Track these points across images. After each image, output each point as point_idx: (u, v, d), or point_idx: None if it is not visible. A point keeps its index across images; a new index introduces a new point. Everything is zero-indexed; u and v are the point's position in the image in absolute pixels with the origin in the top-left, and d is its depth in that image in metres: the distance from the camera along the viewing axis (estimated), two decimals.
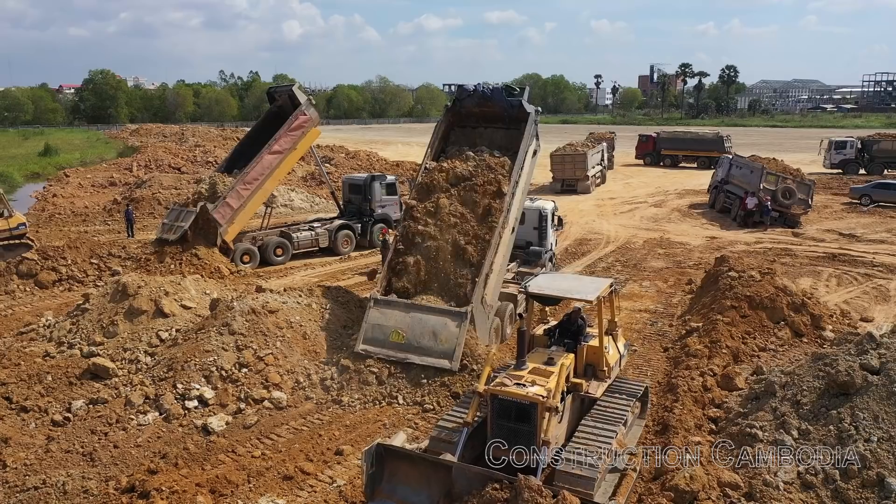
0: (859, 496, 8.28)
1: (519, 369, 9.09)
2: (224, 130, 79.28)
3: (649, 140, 54.52)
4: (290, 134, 22.71)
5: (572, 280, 11.25)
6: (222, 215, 21.37)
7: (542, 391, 8.46)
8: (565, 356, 9.52)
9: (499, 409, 8.64)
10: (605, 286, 10.11)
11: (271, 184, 23.02)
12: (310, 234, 24.03)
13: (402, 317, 13.15)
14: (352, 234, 24.77)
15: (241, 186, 21.84)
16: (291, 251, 23.31)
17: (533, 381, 8.74)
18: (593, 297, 9.58)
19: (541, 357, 9.53)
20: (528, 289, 10.03)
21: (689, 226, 29.41)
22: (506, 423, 8.59)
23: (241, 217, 22.12)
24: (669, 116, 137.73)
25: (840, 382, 9.37)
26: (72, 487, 9.40)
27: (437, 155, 16.07)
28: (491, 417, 8.73)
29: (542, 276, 11.17)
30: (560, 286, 10.30)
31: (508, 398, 8.54)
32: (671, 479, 8.87)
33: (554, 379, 8.77)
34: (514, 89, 15.73)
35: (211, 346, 12.65)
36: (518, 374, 8.94)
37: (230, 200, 21.59)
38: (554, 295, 10.02)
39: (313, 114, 23.61)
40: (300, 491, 9.50)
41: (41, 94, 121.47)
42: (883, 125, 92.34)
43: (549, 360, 9.31)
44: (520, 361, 9.22)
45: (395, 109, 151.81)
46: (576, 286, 10.29)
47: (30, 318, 16.63)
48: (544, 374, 8.92)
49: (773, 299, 14.27)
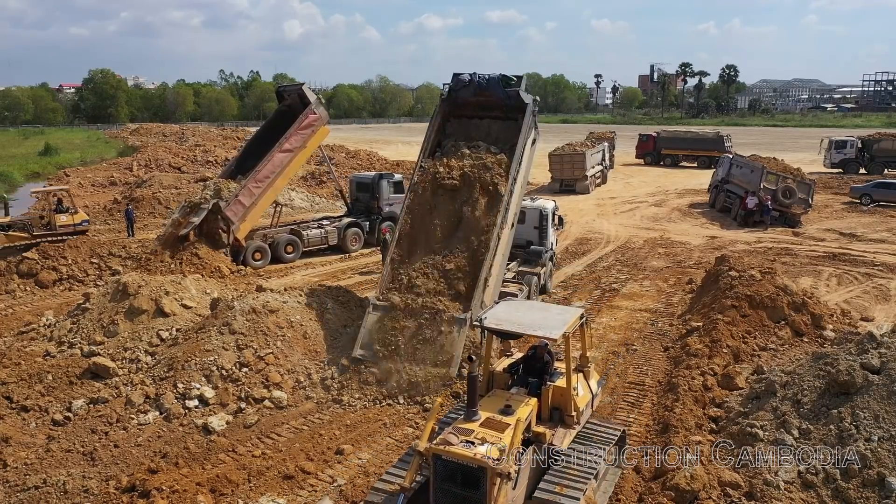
0: (860, 496, 8.28)
1: (469, 421, 7.69)
2: (224, 130, 79.26)
3: (649, 140, 54.50)
4: (300, 132, 22.99)
5: (537, 310, 9.37)
6: (234, 213, 21.65)
7: (493, 452, 7.09)
8: (526, 402, 8.22)
9: (442, 472, 7.26)
10: (573, 318, 8.82)
11: (282, 182, 23.34)
12: (319, 231, 24.27)
13: (401, 322, 13.11)
14: (360, 231, 25.00)
15: (252, 184, 22.10)
16: (302, 249, 23.54)
17: (483, 437, 7.36)
18: (558, 335, 8.26)
19: (497, 403, 8.15)
20: (485, 323, 8.58)
21: (689, 225, 29.41)
22: (450, 489, 7.24)
23: (253, 215, 22.41)
24: (670, 116, 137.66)
25: (841, 382, 9.37)
26: (72, 487, 9.41)
27: (434, 149, 15.88)
28: (433, 481, 7.36)
29: (503, 306, 9.63)
30: (521, 319, 8.67)
31: (453, 460, 7.16)
32: (672, 478, 8.87)
33: (509, 434, 7.39)
34: (511, 79, 15.33)
35: (211, 345, 12.65)
36: (467, 428, 7.53)
37: (242, 198, 21.86)
38: (512, 331, 8.55)
39: (322, 112, 23.91)
40: (300, 490, 9.50)
41: (41, 94, 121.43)
42: (883, 125, 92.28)
43: (506, 409, 7.93)
44: (470, 411, 7.80)
45: (396, 109, 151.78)
46: (539, 319, 8.72)
47: (30, 317, 16.64)
48: (498, 428, 7.55)
49: (773, 299, 14.26)
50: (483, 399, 8.25)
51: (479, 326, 8.72)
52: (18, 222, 22.64)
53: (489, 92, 15.39)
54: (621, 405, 12.05)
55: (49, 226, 22.48)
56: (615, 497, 9.20)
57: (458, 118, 16.21)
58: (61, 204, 23.17)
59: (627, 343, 14.97)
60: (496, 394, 8.60)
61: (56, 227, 22.46)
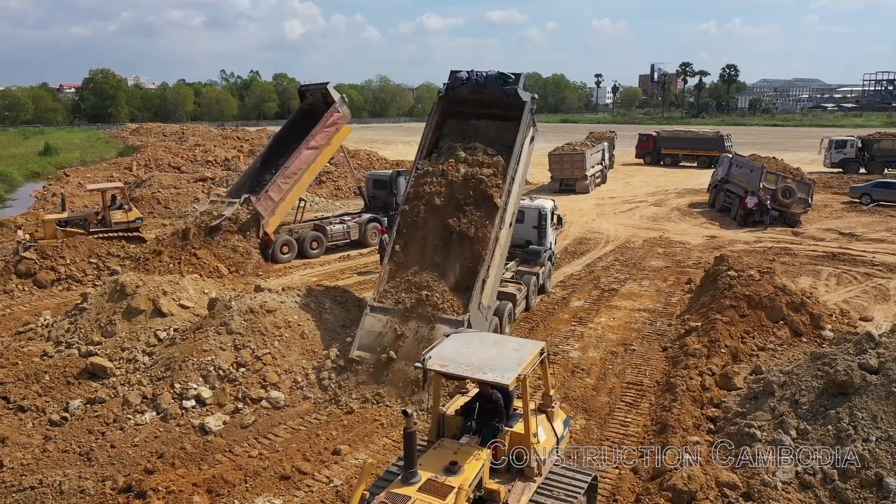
0: (858, 496, 8.26)
1: (406, 484, 6.54)
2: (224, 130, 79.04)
3: (649, 139, 54.44)
4: (325, 130, 23.87)
5: (490, 347, 7.94)
6: (265, 207, 22.35)
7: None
8: (476, 455, 6.97)
9: None
10: (530, 356, 7.54)
11: (308, 177, 24.12)
12: (342, 227, 24.93)
13: (398, 324, 13.05)
14: (380, 226, 25.43)
15: (281, 180, 22.89)
16: (326, 244, 24.19)
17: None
18: (510, 379, 6.98)
19: (442, 458, 6.91)
20: (427, 364, 7.26)
21: (688, 225, 29.38)
22: None
23: (282, 209, 23.16)
24: (670, 116, 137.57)
25: (839, 382, 9.35)
26: (68, 487, 9.38)
27: (430, 149, 15.80)
28: None
29: (452, 341, 8.00)
30: (470, 359, 7.41)
31: None
32: (669, 478, 8.86)
33: (451, 500, 6.31)
34: (509, 77, 15.18)
35: (209, 345, 12.64)
36: (402, 494, 6.40)
37: (272, 193, 22.60)
38: (458, 374, 7.36)
39: (346, 111, 24.76)
40: (297, 491, 9.48)
41: (41, 94, 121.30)
42: (883, 124, 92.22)
43: (451, 467, 6.73)
44: (407, 473, 6.62)
45: (396, 109, 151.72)
46: (489, 359, 7.43)
47: (28, 317, 16.62)
48: (440, 494, 6.38)
49: (772, 298, 14.23)
50: (426, 454, 7.19)
51: (420, 368, 7.33)
52: (75, 218, 23.18)
53: (487, 89, 15.29)
54: (619, 405, 12.03)
55: (104, 222, 23.10)
56: (612, 498, 9.19)
57: (455, 118, 16.13)
58: (115, 201, 23.70)
59: (626, 343, 14.95)
60: (443, 445, 7.36)
61: (111, 223, 23.07)
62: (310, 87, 26.45)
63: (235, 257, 21.36)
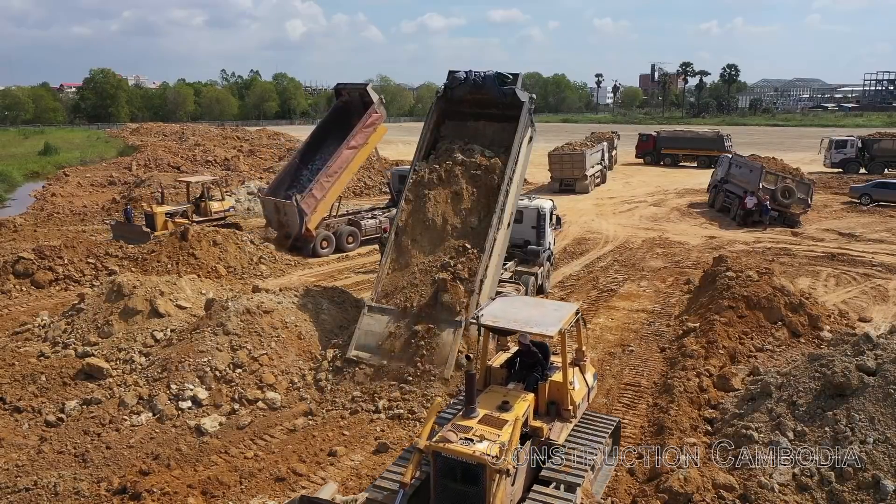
0: (855, 498, 8.23)
1: (467, 418, 7.80)
2: (224, 129, 79.06)
3: (650, 139, 54.39)
4: (364, 130, 24.56)
5: (532, 307, 9.45)
6: (308, 205, 23.16)
7: (492, 449, 7.19)
8: (523, 397, 8.33)
9: (442, 469, 7.38)
10: (569, 315, 8.84)
11: (346, 176, 24.92)
12: (374, 221, 25.64)
13: (396, 324, 13.04)
14: None
15: (324, 178, 23.68)
16: (360, 238, 25.08)
17: (482, 435, 7.45)
18: (554, 331, 8.35)
19: (495, 399, 8.23)
20: (481, 320, 8.70)
21: (688, 225, 29.33)
22: (450, 485, 7.37)
23: (323, 206, 23.90)
24: (670, 115, 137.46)
25: (836, 384, 9.31)
26: (63, 488, 9.35)
27: (428, 150, 15.79)
28: (434, 478, 7.49)
29: (499, 302, 9.62)
30: (517, 316, 8.80)
31: (452, 457, 7.27)
32: (665, 480, 8.83)
33: (508, 430, 7.51)
34: (507, 77, 15.17)
35: (205, 346, 12.60)
36: (465, 426, 7.63)
37: (315, 191, 23.36)
38: (508, 328, 8.75)
39: (383, 112, 25.38)
40: (292, 492, 9.42)
41: (42, 93, 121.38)
42: (884, 124, 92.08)
43: (504, 405, 8.05)
44: (468, 408, 7.90)
45: (396, 108, 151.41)
46: (535, 315, 8.82)
47: (25, 317, 16.58)
48: (496, 425, 7.65)
49: (770, 299, 14.19)
50: (480, 395, 8.31)
51: (475, 323, 8.77)
52: (178, 210, 25.46)
53: (485, 89, 15.27)
54: (616, 406, 11.98)
55: (204, 212, 25.47)
56: (609, 500, 9.15)
57: (453, 119, 16.11)
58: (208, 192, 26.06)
59: (624, 344, 14.91)
60: (493, 390, 8.66)
61: (211, 213, 25.61)
62: (347, 86, 26.84)
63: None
